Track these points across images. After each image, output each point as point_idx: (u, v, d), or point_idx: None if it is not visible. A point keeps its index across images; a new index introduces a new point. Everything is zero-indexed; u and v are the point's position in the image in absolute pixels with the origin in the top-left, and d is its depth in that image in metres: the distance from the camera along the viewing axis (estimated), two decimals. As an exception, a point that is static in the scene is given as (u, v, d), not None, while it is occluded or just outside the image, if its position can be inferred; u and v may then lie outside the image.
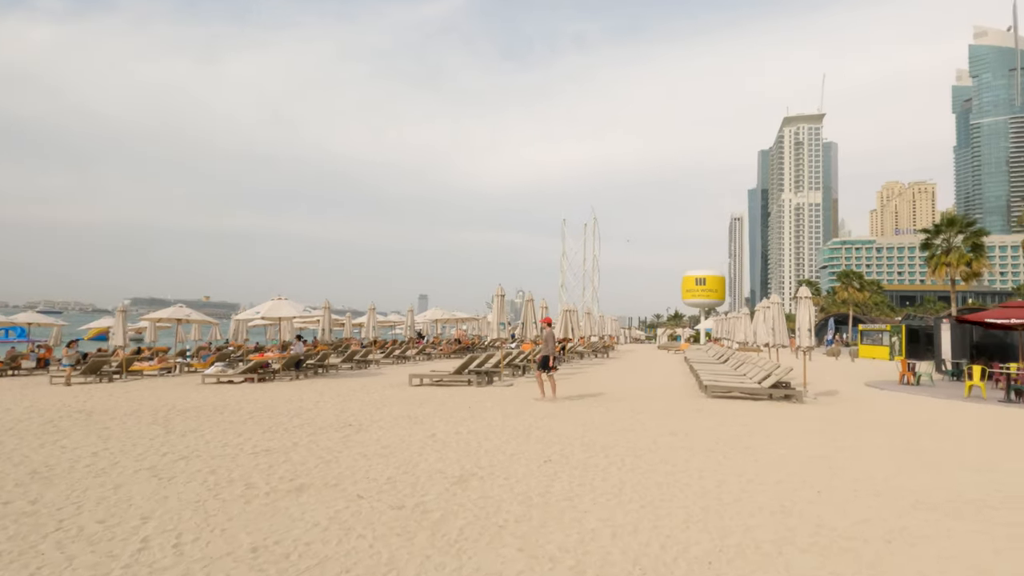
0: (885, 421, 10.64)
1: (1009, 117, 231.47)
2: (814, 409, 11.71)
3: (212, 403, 11.44)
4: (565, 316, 24.48)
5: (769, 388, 12.91)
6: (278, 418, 9.48)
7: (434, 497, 5.06)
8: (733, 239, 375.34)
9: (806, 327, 13.31)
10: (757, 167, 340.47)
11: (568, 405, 11.47)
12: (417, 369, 19.94)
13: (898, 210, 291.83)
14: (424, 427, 8.63)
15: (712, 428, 8.99)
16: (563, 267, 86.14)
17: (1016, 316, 18.79)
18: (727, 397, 13.22)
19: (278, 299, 18.44)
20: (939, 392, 15.71)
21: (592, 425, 9.07)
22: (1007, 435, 9.34)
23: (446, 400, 12.00)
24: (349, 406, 11.00)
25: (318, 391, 13.76)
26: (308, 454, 6.72)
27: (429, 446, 7.23)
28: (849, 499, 5.30)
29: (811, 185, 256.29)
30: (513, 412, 10.36)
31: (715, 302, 74.85)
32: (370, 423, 8.96)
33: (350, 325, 35.03)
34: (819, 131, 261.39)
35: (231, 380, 16.73)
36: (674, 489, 5.50)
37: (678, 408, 11.37)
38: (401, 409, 10.58)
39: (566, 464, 6.40)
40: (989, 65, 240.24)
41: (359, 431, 8.26)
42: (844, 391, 15.59)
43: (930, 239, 42.80)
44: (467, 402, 11.71)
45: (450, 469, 6.07)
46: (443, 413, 10.10)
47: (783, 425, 9.51)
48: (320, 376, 18.93)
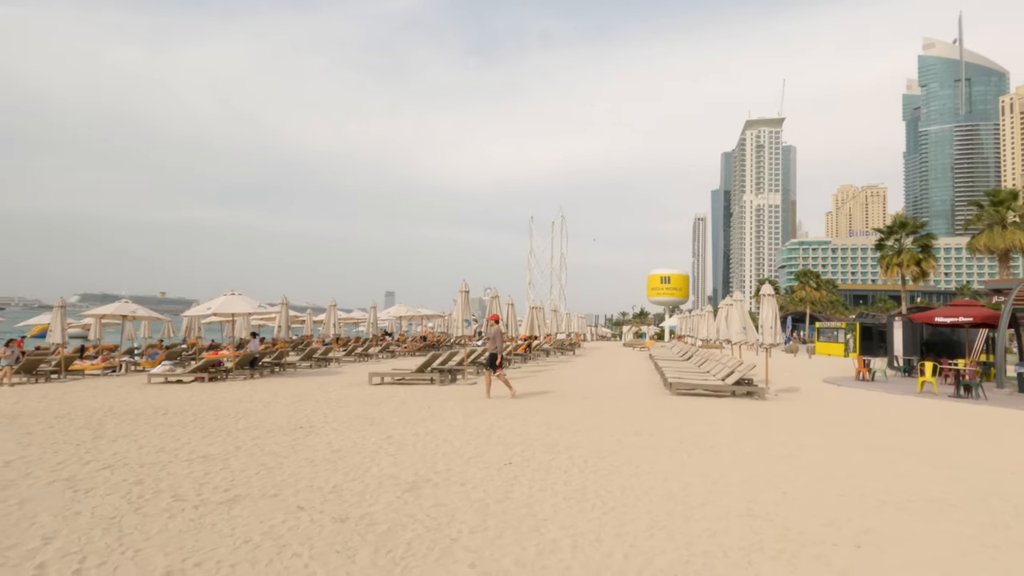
0: (844, 417, 10.74)
1: (954, 125, 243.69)
2: (776, 406, 11.76)
3: (155, 405, 10.70)
4: (532, 314, 24.25)
5: (732, 385, 12.94)
6: (223, 420, 8.87)
7: (383, 507, 4.67)
8: (697, 239, 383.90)
9: (769, 324, 13.40)
10: (720, 169, 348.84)
11: (532, 404, 11.20)
12: (378, 367, 19.36)
13: (852, 212, 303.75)
14: (380, 428, 8.19)
15: (677, 427, 8.84)
16: (531, 265, 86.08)
17: (963, 315, 19.50)
18: (691, 394, 13.19)
19: (231, 294, 17.56)
20: (893, 387, 16.13)
21: (556, 424, 8.81)
22: (959, 430, 9.53)
23: (407, 399, 11.56)
24: (303, 407, 10.44)
25: (272, 391, 13.11)
26: (250, 460, 6.22)
27: (383, 449, 6.81)
28: (815, 500, 5.16)
29: (771, 187, 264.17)
30: (475, 412, 10.01)
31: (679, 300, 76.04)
32: (323, 425, 8.47)
33: (311, 322, 33.97)
34: (779, 135, 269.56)
35: (180, 380, 15.86)
36: (639, 492, 5.26)
37: (643, 406, 11.24)
38: (358, 409, 10.10)
39: (527, 467, 6.09)
40: (936, 76, 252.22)
41: (309, 434, 7.77)
42: (804, 387, 15.82)
43: (883, 240, 44.45)
44: (428, 402, 11.30)
45: (403, 474, 5.68)
46: (402, 413, 9.67)
47: (747, 423, 9.46)
48: (277, 375, 18.17)
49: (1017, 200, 33.27)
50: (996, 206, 33.52)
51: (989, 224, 33.65)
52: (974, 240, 34.67)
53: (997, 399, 13.76)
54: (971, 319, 19.15)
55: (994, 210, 33.51)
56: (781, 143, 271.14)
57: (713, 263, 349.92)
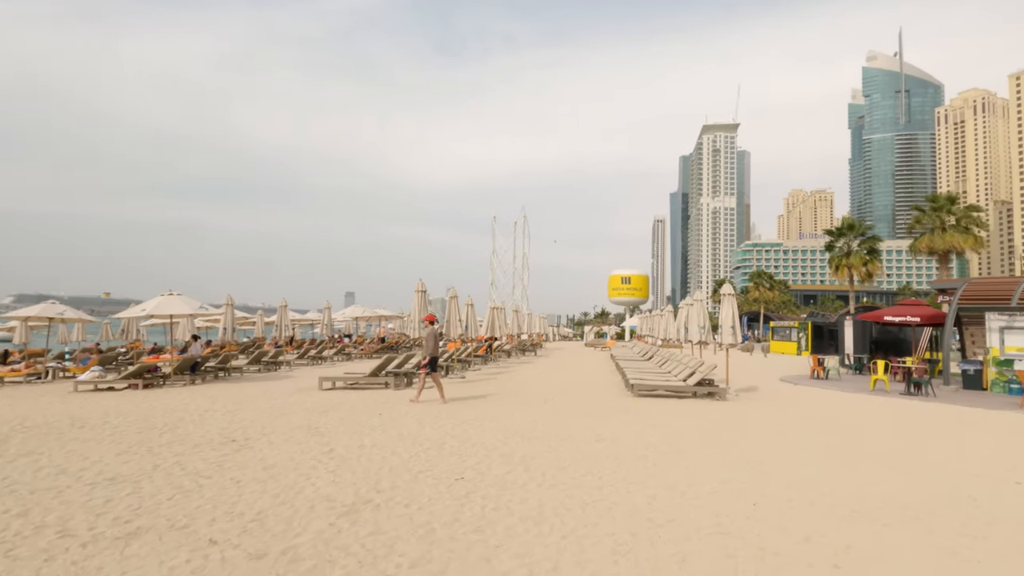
0: (804, 418, 10.68)
1: (895, 134, 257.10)
2: (737, 406, 11.63)
3: (74, 416, 9.66)
4: (492, 314, 23.74)
5: (694, 386, 12.78)
6: (147, 433, 8.00)
7: (311, 537, 4.06)
8: (656, 240, 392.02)
9: (729, 324, 13.32)
10: (678, 172, 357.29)
11: (491, 408, 10.69)
12: (331, 371, 18.45)
13: (802, 216, 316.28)
14: (323, 440, 7.51)
15: (640, 432, 8.50)
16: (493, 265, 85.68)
17: (910, 314, 20.12)
18: (653, 395, 12.97)
19: (169, 295, 16.33)
20: (847, 386, 16.39)
21: (514, 431, 8.33)
22: (916, 429, 9.56)
23: (357, 406, 10.85)
24: (241, 416, 9.61)
25: (212, 398, 12.15)
26: (165, 482, 5.47)
27: (323, 465, 6.16)
28: (786, 511, 4.85)
29: (727, 191, 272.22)
30: (430, 419, 9.42)
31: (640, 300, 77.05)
32: (259, 437, 7.72)
33: (262, 323, 32.45)
34: (734, 140, 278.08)
35: (111, 387, 14.62)
36: (601, 509, 4.82)
37: (605, 409, 10.90)
38: (302, 418, 9.35)
39: (481, 482, 5.58)
40: (879, 86, 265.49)
41: (242, 448, 7.03)
42: (762, 387, 15.88)
43: (833, 241, 46.07)
44: (381, 408, 10.63)
45: (341, 495, 5.07)
46: (350, 422, 8.99)
47: (709, 426, 9.22)
48: (221, 380, 17.04)
49: (955, 205, 34.93)
50: (936, 211, 35.09)
51: (930, 228, 35.20)
52: (916, 242, 36.22)
53: (945, 396, 14.10)
54: (918, 318, 19.76)
55: (934, 214, 35.08)
56: (736, 148, 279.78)
57: (672, 264, 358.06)
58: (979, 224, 33.76)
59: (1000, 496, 5.47)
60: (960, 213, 34.23)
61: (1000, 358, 15.52)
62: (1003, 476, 6.27)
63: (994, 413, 11.55)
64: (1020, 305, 15.02)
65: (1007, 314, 15.52)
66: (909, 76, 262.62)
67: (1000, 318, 15.64)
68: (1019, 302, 15.13)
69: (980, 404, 12.73)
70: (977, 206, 35.28)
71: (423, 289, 14.98)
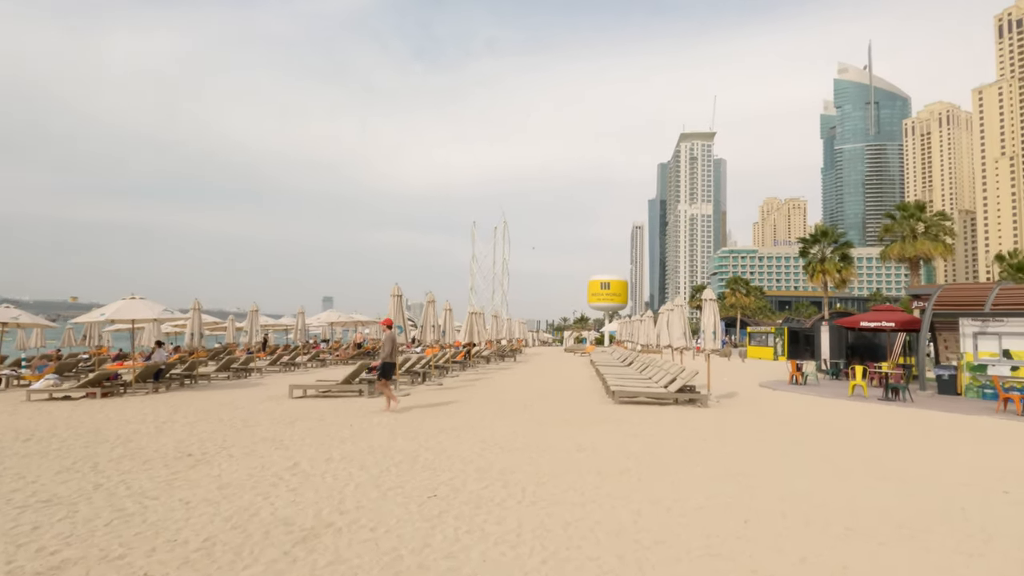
0: (786, 424, 10.53)
1: (865, 145, 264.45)
2: (719, 413, 11.45)
3: (21, 428, 8.98)
4: (471, 319, 23.33)
5: (675, 392, 12.58)
6: (97, 447, 7.42)
7: (261, 570, 3.63)
8: (635, 246, 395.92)
9: (711, 329, 13.18)
10: (657, 179, 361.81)
11: (469, 417, 10.29)
12: (302, 378, 17.84)
13: (776, 223, 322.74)
14: (287, 454, 7.04)
15: (622, 441, 8.21)
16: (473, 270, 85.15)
17: (885, 319, 20.33)
18: (634, 402, 12.73)
19: (131, 298, 15.55)
20: (825, 391, 16.41)
21: (492, 442, 7.96)
22: (896, 435, 9.46)
23: (327, 415, 10.35)
24: (203, 427, 9.05)
25: (173, 408, 11.51)
26: (106, 504, 4.96)
27: (284, 482, 5.71)
28: (779, 529, 4.58)
29: (704, 198, 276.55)
30: (404, 429, 9.00)
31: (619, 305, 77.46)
32: (218, 451, 7.20)
33: (233, 328, 31.49)
34: (711, 148, 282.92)
35: (68, 396, 13.83)
36: (583, 529, 4.49)
37: (585, 417, 10.59)
38: (267, 429, 8.84)
39: (455, 499, 5.20)
40: (850, 98, 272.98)
41: (198, 463, 6.52)
42: (742, 392, 15.79)
43: (807, 248, 46.80)
44: (352, 418, 10.15)
45: (301, 517, 4.63)
46: (318, 433, 8.51)
47: (693, 434, 8.99)
48: (188, 388, 16.32)
49: (924, 212, 35.71)
50: (906, 218, 35.83)
51: (901, 235, 35.92)
52: (887, 249, 36.92)
53: (922, 401, 14.17)
54: (893, 323, 19.98)
55: (905, 222, 35.82)
56: (713, 156, 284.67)
57: (650, 270, 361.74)
58: (948, 232, 34.56)
59: (991, 508, 5.30)
60: (929, 221, 35.00)
61: (974, 363, 15.70)
62: (990, 486, 6.13)
63: (971, 419, 11.58)
64: (993, 311, 15.22)
65: (980, 320, 15.72)
66: (878, 88, 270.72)
67: (974, 323, 15.83)
68: (992, 308, 15.34)
69: (956, 409, 12.79)
70: (946, 214, 36.13)
71: (399, 293, 14.54)
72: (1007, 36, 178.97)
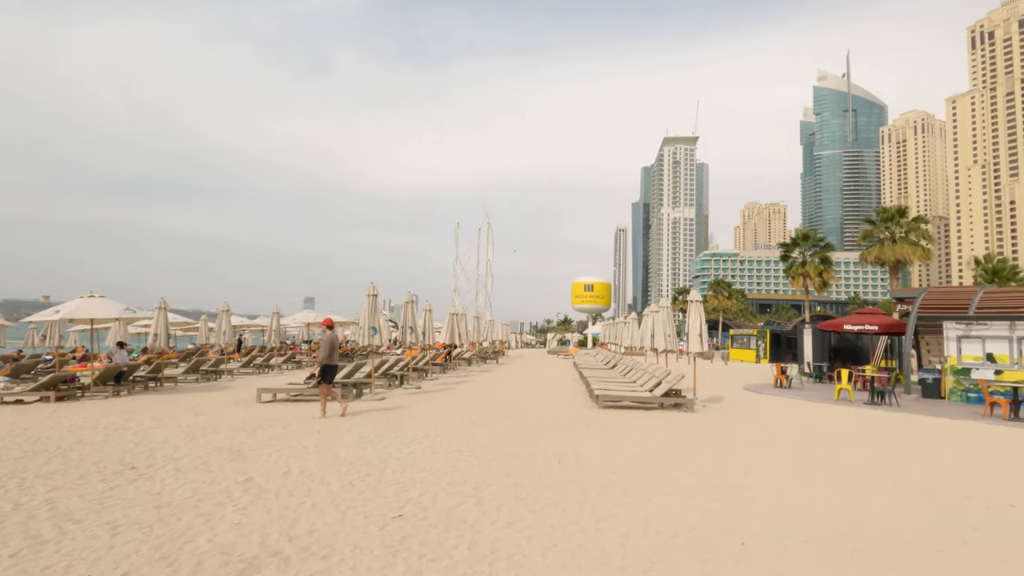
0: (775, 430, 10.18)
1: (843, 151, 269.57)
2: (706, 418, 11.07)
3: (-50, 437, 8.21)
4: (452, 320, 22.75)
5: (660, 396, 12.18)
6: (32, 459, 6.73)
7: (182, 615, 3.07)
8: (618, 249, 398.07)
9: (696, 331, 12.81)
10: (640, 182, 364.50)
11: (445, 422, 9.75)
12: (274, 381, 17.09)
13: (757, 227, 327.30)
14: (243, 466, 6.43)
15: (607, 450, 7.75)
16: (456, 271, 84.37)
17: (869, 322, 20.25)
18: (618, 407, 12.31)
19: (89, 296, 14.71)
20: (811, 395, 16.18)
21: (468, 450, 7.43)
22: (887, 441, 9.16)
23: (293, 422, 9.72)
24: (156, 434, 8.37)
25: (130, 413, 10.78)
26: (18, 529, 4.33)
27: (233, 501, 5.11)
28: (779, 552, 4.14)
29: (686, 202, 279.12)
30: (375, 435, 8.42)
31: (602, 308, 77.42)
32: (166, 462, 6.56)
33: (206, 329, 30.43)
34: (693, 152, 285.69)
35: (20, 399, 12.96)
36: (564, 555, 3.99)
37: (568, 422, 10.12)
38: (226, 437, 8.19)
39: (423, 520, 4.67)
40: (828, 105, 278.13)
41: (140, 477, 5.89)
42: (727, 396, 15.48)
43: (788, 251, 47.11)
44: (321, 423, 9.54)
45: (242, 545, 4.06)
46: (281, 442, 7.90)
47: (680, 442, 8.56)
48: (152, 392, 15.49)
49: (904, 217, 36.05)
50: (886, 222, 36.14)
51: (880, 239, 36.22)
52: (867, 253, 37.17)
53: (908, 405, 13.98)
54: (876, 327, 19.91)
55: (884, 226, 36.12)
56: (695, 160, 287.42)
57: (633, 272, 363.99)
58: (926, 236, 34.91)
59: (1000, 524, 4.93)
60: (908, 225, 35.34)
61: (958, 367, 15.60)
62: (993, 498, 5.78)
63: (958, 423, 11.37)
64: (978, 314, 15.13)
65: (964, 323, 15.64)
66: (856, 96, 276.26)
67: (958, 327, 15.73)
68: (977, 311, 15.25)
69: (943, 413, 12.60)
70: (924, 218, 36.52)
71: (374, 293, 13.91)
72: (979, 47, 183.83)
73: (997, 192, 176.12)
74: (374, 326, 13.58)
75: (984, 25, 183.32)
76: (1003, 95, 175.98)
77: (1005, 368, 14.92)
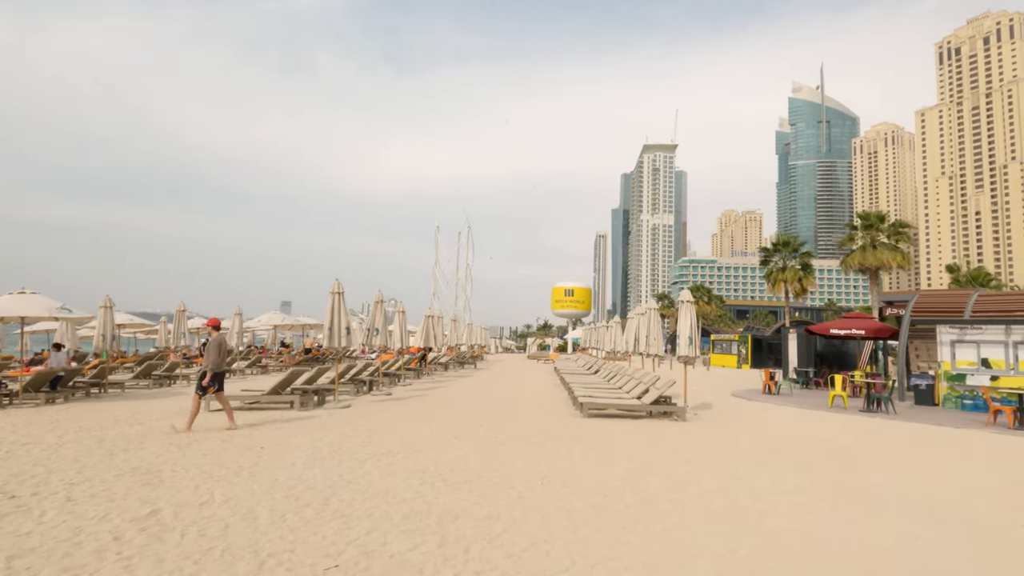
0: (776, 441, 9.33)
1: (817, 161, 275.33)
2: (699, 428, 10.16)
3: None
4: (427, 323, 21.59)
5: (649, 404, 11.24)
6: None
7: None
8: (598, 255, 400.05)
9: (687, 334, 11.92)
10: (620, 189, 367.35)
11: (412, 435, 8.64)
12: (231, 387, 15.68)
13: (734, 235, 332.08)
14: (153, 494, 5.24)
15: (596, 467, 6.74)
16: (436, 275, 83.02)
17: (857, 327, 19.71)
18: (604, 415, 11.34)
19: (20, 293, 13.23)
20: (803, 401, 15.44)
21: (435, 471, 6.35)
22: (898, 454, 8.35)
23: (239, 434, 8.51)
24: (68, 451, 7.10)
25: (54, 424, 9.43)
26: None
27: (118, 545, 3.94)
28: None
29: (665, 208, 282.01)
30: (329, 451, 7.28)
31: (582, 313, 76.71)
32: (59, 489, 5.34)
33: (165, 332, 28.67)
34: (672, 160, 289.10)
35: (-66, 408, 11.45)
36: (552, 626, 2.95)
37: (551, 434, 9.10)
38: (150, 455, 6.96)
39: (365, 571, 3.58)
40: (803, 116, 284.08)
41: (16, 510, 4.66)
42: (716, 403, 14.66)
43: (768, 257, 47.03)
44: (269, 436, 8.34)
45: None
46: (214, 460, 6.71)
47: (676, 456, 7.61)
48: (95, 398, 14.04)
49: (884, 223, 36.07)
50: (868, 228, 36.09)
51: (862, 245, 36.14)
52: (848, 259, 37.06)
53: (905, 413, 13.30)
54: (863, 331, 19.37)
55: (866, 232, 36.07)
56: (674, 168, 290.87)
57: (612, 278, 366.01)
58: (907, 240, 34.93)
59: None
60: (889, 231, 35.33)
61: (952, 372, 15.04)
62: None
63: (963, 433, 10.68)
64: (974, 318, 14.59)
65: (958, 327, 15.10)
66: (829, 108, 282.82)
67: (951, 331, 15.18)
68: (972, 315, 14.72)
69: (944, 422, 11.92)
70: (906, 223, 36.62)
71: (339, 291, 12.71)
72: (947, 63, 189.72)
73: (964, 203, 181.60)
74: (347, 327, 12.48)
75: (951, 42, 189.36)
76: (969, 109, 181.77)
77: (1001, 374, 14.38)
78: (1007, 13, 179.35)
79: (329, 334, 12.99)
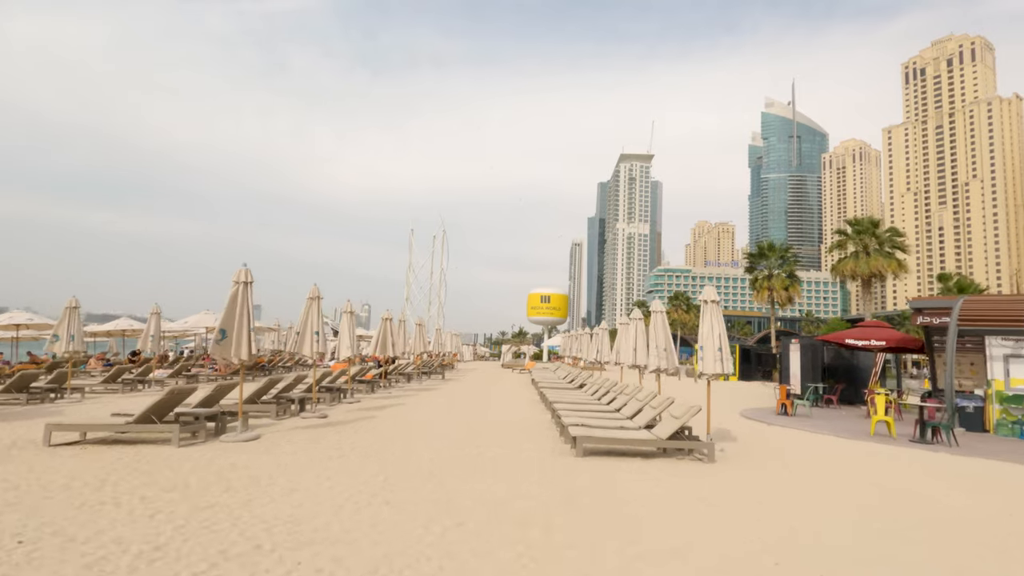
0: (850, 498, 6.53)
1: (788, 175, 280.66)
2: (735, 476, 7.32)
3: None
4: (384, 327, 18.42)
5: (666, 440, 8.33)
6: None
7: None
8: (574, 263, 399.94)
9: (715, 346, 9.03)
10: (596, 198, 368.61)
11: (316, 498, 5.56)
12: (124, 405, 12.17)
13: (707, 245, 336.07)
14: None
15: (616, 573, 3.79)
16: (409, 280, 79.36)
17: (876, 337, 17.37)
18: (601, 451, 8.43)
19: None
20: (832, 426, 12.80)
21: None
22: (1000, 510, 5.63)
23: (47, 501, 5.28)
24: None
25: None
26: None
27: None
28: None
29: (641, 218, 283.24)
30: (158, 542, 4.17)
31: (559, 320, 74.13)
32: None
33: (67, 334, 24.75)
34: (649, 170, 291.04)
35: None
36: None
37: (533, 491, 6.13)
38: None
39: None
40: (775, 130, 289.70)
41: None
42: (732, 428, 11.94)
43: (753, 264, 45.13)
44: (74, 508, 5.14)
45: None
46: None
47: (730, 533, 4.71)
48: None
49: (877, 229, 34.37)
50: (860, 235, 34.33)
51: (854, 252, 34.34)
52: (839, 265, 35.20)
53: (966, 445, 10.76)
54: (883, 342, 17.06)
55: (858, 238, 34.29)
56: (650, 178, 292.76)
57: (588, 286, 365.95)
58: (903, 248, 33.25)
59: None
60: (883, 237, 33.62)
61: (1007, 393, 12.64)
62: None
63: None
64: (1039, 328, 12.22)
65: (1013, 338, 12.73)
66: (800, 124, 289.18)
67: (1005, 343, 12.80)
68: (1034, 324, 12.35)
69: (1019, 457, 9.41)
70: (899, 231, 35.01)
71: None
72: (912, 83, 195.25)
73: (928, 218, 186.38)
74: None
75: (916, 62, 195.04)
76: (933, 127, 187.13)
77: (1068, 396, 12.02)
78: (969, 37, 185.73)
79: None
